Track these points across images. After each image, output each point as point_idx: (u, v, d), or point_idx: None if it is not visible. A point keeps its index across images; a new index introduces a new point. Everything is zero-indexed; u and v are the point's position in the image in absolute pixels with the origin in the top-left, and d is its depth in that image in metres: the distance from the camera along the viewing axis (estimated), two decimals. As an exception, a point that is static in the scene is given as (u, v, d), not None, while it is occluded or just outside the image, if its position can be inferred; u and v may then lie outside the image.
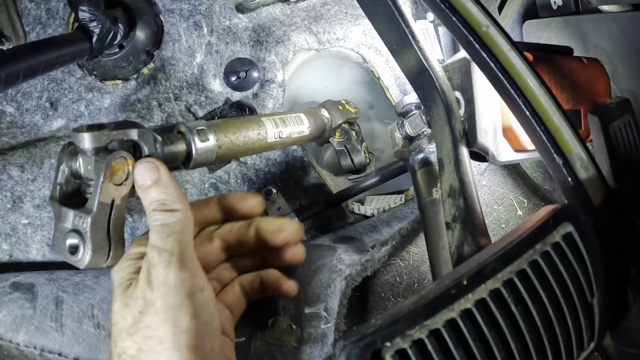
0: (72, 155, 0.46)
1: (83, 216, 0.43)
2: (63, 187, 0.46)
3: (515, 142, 0.52)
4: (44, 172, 0.64)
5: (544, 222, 0.35)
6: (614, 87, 0.71)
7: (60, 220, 0.44)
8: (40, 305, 0.55)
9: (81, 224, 0.43)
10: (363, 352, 0.28)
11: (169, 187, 0.43)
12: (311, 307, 0.56)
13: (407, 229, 0.67)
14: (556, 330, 0.33)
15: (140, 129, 0.46)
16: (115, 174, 0.44)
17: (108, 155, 0.43)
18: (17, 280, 0.57)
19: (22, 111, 0.65)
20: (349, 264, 0.58)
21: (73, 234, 0.43)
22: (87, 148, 0.43)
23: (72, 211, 0.44)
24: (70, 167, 0.46)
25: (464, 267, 0.33)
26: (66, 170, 0.46)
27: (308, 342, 0.54)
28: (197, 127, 0.51)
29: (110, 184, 0.44)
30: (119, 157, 0.44)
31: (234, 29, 0.72)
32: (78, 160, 0.45)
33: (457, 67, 0.54)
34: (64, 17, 0.65)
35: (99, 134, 0.43)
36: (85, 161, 0.45)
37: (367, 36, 0.81)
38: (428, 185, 0.58)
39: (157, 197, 0.43)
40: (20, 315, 0.54)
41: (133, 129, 0.45)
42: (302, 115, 0.64)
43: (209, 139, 0.52)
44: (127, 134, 0.45)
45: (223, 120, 0.56)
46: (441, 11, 0.42)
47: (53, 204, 0.45)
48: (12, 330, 0.54)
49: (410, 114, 0.66)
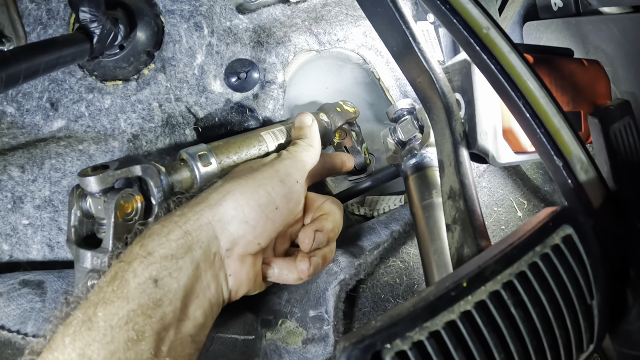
0: (82, 197, 0.48)
1: (100, 256, 0.45)
2: (77, 229, 0.48)
3: (515, 144, 0.52)
4: (45, 173, 0.64)
5: (544, 224, 0.35)
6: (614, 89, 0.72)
7: (79, 261, 0.46)
8: (50, 299, 0.56)
9: (99, 263, 0.45)
10: (363, 353, 0.28)
11: (315, 133, 0.61)
12: (315, 309, 0.58)
13: (399, 231, 0.67)
14: (555, 332, 0.33)
15: (143, 164, 0.47)
16: (125, 211, 0.46)
17: (114, 194, 0.45)
18: (26, 277, 0.58)
19: (23, 111, 0.65)
20: (343, 267, 0.60)
21: (93, 273, 0.45)
22: (94, 191, 0.45)
23: (90, 252, 0.46)
24: (81, 208, 0.48)
25: (464, 269, 0.33)
26: (78, 213, 0.48)
27: (312, 342, 0.56)
28: (198, 153, 0.52)
29: (121, 221, 0.45)
30: (126, 195, 0.46)
31: (235, 29, 0.72)
32: (88, 201, 0.48)
33: (458, 68, 0.54)
34: (64, 18, 0.66)
35: (104, 175, 0.45)
36: (94, 202, 0.47)
37: (367, 37, 0.81)
38: (420, 190, 0.58)
39: (305, 134, 0.60)
40: (29, 308, 0.55)
41: (136, 166, 0.47)
42: None
43: (212, 163, 0.53)
44: (130, 171, 0.47)
45: (223, 141, 0.57)
46: (442, 13, 0.42)
47: (70, 246, 0.47)
48: (20, 323, 0.55)
49: (402, 119, 0.66)
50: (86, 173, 0.46)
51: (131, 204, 0.46)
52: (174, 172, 0.50)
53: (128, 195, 0.46)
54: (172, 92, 0.69)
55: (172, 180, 0.49)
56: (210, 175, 0.52)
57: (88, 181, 0.45)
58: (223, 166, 0.53)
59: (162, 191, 0.48)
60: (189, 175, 0.51)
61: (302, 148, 0.58)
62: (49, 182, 0.64)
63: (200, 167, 0.52)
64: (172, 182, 0.49)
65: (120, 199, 0.45)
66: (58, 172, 0.64)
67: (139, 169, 0.47)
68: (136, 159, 0.48)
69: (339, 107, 0.72)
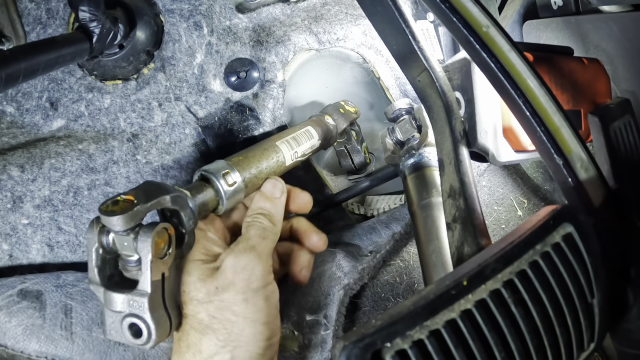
0: (102, 233, 0.43)
1: (139, 300, 0.41)
2: (101, 269, 0.43)
3: (515, 143, 0.52)
4: (44, 172, 0.64)
5: (544, 223, 0.35)
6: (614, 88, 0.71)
7: (111, 306, 0.42)
8: (50, 315, 0.56)
9: (137, 307, 0.42)
10: (363, 352, 0.28)
11: (280, 208, 0.54)
12: (312, 314, 0.57)
13: (400, 233, 0.67)
14: (556, 331, 0.33)
15: (172, 193, 0.43)
16: (159, 248, 0.42)
17: (148, 231, 0.41)
18: (24, 287, 0.57)
19: (22, 111, 0.65)
20: (347, 272, 0.59)
21: (131, 317, 0.42)
22: (121, 230, 0.40)
23: (124, 295, 0.42)
24: (103, 245, 0.43)
25: (464, 267, 0.33)
26: (100, 251, 0.43)
27: (309, 347, 0.55)
28: (222, 172, 0.49)
29: (157, 259, 0.42)
30: (160, 230, 0.42)
31: (234, 29, 0.72)
32: (111, 237, 0.43)
33: (458, 67, 0.54)
34: (64, 17, 0.65)
35: (134, 213, 0.40)
36: (119, 239, 0.42)
37: (367, 36, 0.81)
38: (418, 190, 0.58)
39: (270, 210, 0.53)
40: (30, 325, 0.55)
41: (165, 196, 0.42)
42: (310, 129, 0.63)
43: (236, 182, 0.50)
44: (160, 203, 0.42)
45: (242, 155, 0.54)
46: (441, 11, 0.42)
47: (96, 288, 0.43)
48: (23, 341, 0.54)
49: (401, 119, 0.66)
50: (108, 209, 0.40)
51: (164, 238, 0.42)
52: (198, 194, 0.47)
53: (161, 230, 0.42)
54: (172, 92, 0.69)
55: (198, 203, 0.46)
56: (235, 193, 0.50)
57: (114, 221, 0.39)
58: (246, 182, 0.51)
59: (192, 219, 0.45)
60: (214, 196, 0.48)
61: (262, 235, 0.50)
62: (48, 182, 0.64)
63: (225, 187, 0.49)
64: (199, 205, 0.46)
65: (155, 236, 0.41)
66: (58, 171, 0.64)
67: (168, 200, 0.42)
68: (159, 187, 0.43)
69: (342, 108, 0.71)
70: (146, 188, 0.43)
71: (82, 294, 0.57)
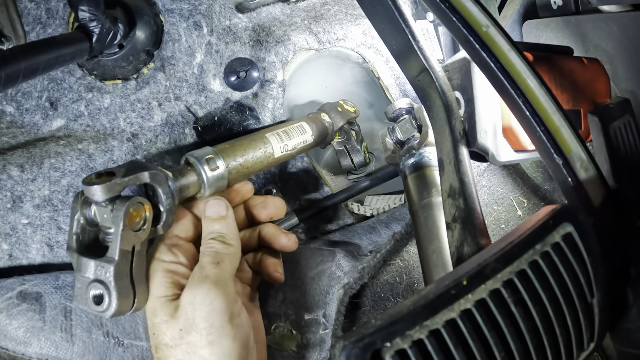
0: (86, 204, 0.45)
1: (106, 266, 0.42)
2: (80, 237, 0.45)
3: (515, 143, 0.52)
4: (44, 172, 0.64)
5: (544, 223, 0.35)
6: (614, 88, 0.71)
7: (81, 271, 0.44)
8: (50, 317, 0.56)
9: (104, 274, 0.43)
10: (363, 352, 0.28)
11: (232, 225, 0.49)
12: (311, 313, 0.56)
13: (401, 233, 0.67)
14: (556, 331, 0.33)
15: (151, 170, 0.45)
16: (133, 221, 0.44)
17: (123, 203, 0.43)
18: (24, 289, 0.57)
19: (22, 111, 0.65)
20: (347, 272, 0.59)
21: (96, 284, 0.43)
22: (100, 200, 0.43)
23: (94, 261, 0.43)
24: (86, 216, 0.45)
25: (464, 267, 0.33)
26: (82, 220, 0.45)
27: (307, 347, 0.55)
28: (205, 157, 0.50)
29: (130, 230, 0.43)
30: (135, 204, 0.44)
31: (234, 29, 0.72)
32: (92, 209, 0.45)
33: (458, 67, 0.54)
34: (64, 17, 0.65)
35: (112, 184, 0.42)
36: (100, 211, 0.44)
37: (367, 36, 0.81)
38: (419, 190, 0.58)
39: (220, 230, 0.48)
40: (30, 328, 0.55)
41: (144, 172, 0.44)
42: (304, 124, 0.64)
43: (219, 167, 0.51)
44: (139, 179, 0.44)
45: (229, 143, 0.55)
46: (441, 11, 0.42)
47: (71, 254, 0.45)
48: (24, 344, 0.54)
49: (401, 119, 0.66)
50: (91, 181, 0.43)
51: (140, 213, 0.44)
52: (181, 177, 0.48)
53: (137, 204, 0.44)
54: (172, 92, 0.69)
55: (179, 185, 0.48)
56: (217, 179, 0.51)
57: (94, 190, 0.42)
58: (230, 170, 0.52)
59: (170, 198, 0.46)
60: (197, 180, 0.50)
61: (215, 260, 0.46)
62: (48, 182, 0.64)
63: (208, 172, 0.50)
64: (180, 187, 0.48)
65: (130, 208, 0.43)
66: (58, 171, 0.64)
67: (147, 176, 0.45)
68: (142, 164, 0.46)
69: (340, 107, 0.71)
70: (130, 166, 0.45)
71: None
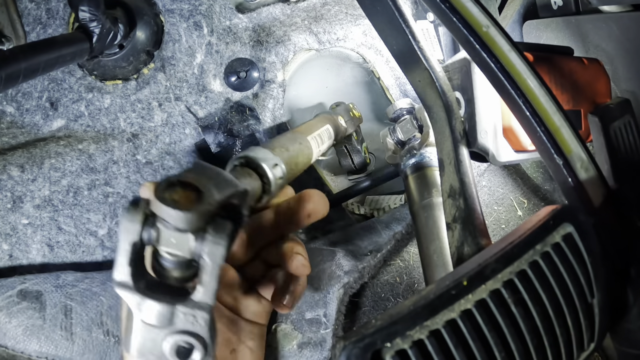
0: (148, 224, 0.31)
1: (198, 314, 0.31)
2: (136, 270, 0.32)
3: (515, 143, 0.52)
4: (44, 172, 0.64)
5: (544, 223, 0.35)
6: (614, 88, 0.71)
7: (151, 319, 0.32)
8: (50, 315, 0.56)
9: (193, 322, 0.32)
10: (363, 352, 0.28)
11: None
12: (311, 312, 0.56)
13: (401, 233, 0.67)
14: (556, 331, 0.33)
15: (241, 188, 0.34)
16: None
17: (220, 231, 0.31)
18: (24, 287, 0.57)
19: (22, 111, 0.65)
20: (347, 271, 0.59)
21: (180, 335, 0.32)
22: (187, 229, 0.30)
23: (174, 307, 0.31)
24: (142, 239, 0.31)
25: (464, 267, 0.33)
26: (138, 245, 0.31)
27: (308, 346, 0.55)
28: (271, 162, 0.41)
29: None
30: (232, 230, 0.32)
31: (234, 29, 0.72)
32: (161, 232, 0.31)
33: (458, 67, 0.53)
34: (64, 17, 0.65)
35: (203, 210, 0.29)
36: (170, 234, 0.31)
37: (367, 36, 0.81)
38: (420, 190, 0.58)
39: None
40: (30, 326, 0.55)
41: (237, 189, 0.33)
42: (330, 128, 0.60)
43: (282, 177, 0.43)
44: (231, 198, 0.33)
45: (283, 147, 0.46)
46: (441, 11, 0.42)
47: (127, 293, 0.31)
48: (23, 342, 0.54)
49: (402, 119, 0.66)
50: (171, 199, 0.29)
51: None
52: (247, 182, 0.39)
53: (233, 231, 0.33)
54: (172, 92, 0.69)
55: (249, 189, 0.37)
56: (278, 189, 0.43)
57: (179, 217, 0.29)
58: (288, 177, 0.45)
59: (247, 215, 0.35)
60: (258, 187, 0.40)
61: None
62: (48, 182, 0.64)
63: (273, 179, 0.41)
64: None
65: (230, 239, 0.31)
66: (58, 171, 0.64)
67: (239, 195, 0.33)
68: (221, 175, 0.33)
69: (351, 111, 0.70)
70: (208, 173, 0.32)
71: (82, 294, 0.57)
